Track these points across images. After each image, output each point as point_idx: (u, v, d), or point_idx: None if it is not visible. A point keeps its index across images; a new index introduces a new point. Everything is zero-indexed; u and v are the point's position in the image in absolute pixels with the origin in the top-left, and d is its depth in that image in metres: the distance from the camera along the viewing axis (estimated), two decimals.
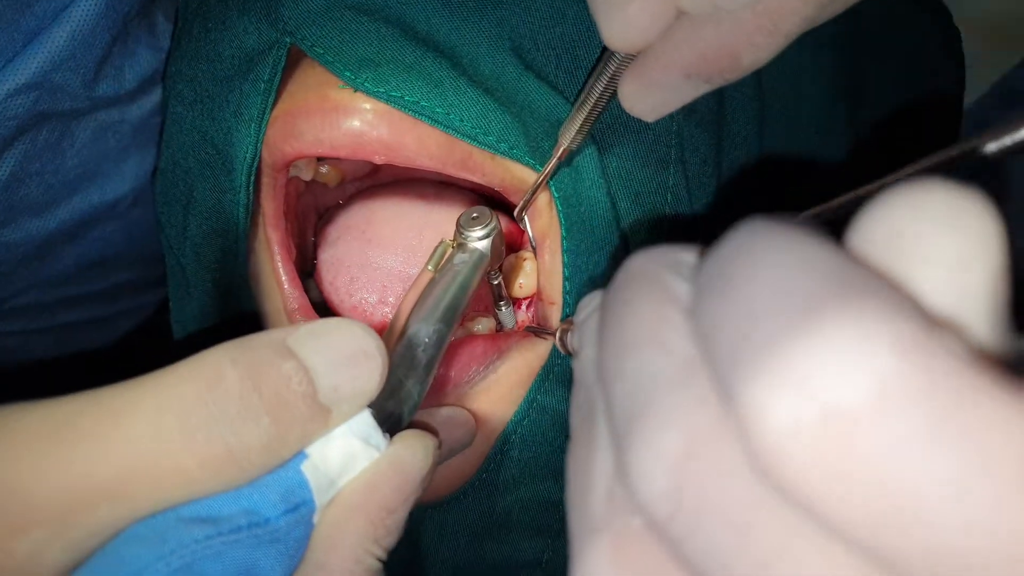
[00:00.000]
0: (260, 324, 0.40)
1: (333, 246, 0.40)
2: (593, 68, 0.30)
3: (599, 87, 0.30)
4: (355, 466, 0.24)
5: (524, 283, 0.37)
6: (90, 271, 0.43)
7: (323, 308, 0.39)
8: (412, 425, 0.27)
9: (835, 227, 0.19)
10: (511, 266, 0.38)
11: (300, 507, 0.23)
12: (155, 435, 0.20)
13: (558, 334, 0.31)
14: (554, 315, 0.36)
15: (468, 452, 0.34)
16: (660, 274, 0.20)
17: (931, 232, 0.14)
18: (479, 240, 0.32)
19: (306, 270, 0.41)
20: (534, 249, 0.37)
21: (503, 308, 0.38)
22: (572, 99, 0.34)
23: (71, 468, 0.20)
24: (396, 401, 0.26)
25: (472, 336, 0.35)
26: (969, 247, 0.14)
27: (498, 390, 0.35)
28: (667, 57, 0.27)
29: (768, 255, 0.15)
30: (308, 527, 0.23)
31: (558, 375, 0.35)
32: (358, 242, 0.40)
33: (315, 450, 0.23)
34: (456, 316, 0.29)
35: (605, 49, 0.29)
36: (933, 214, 0.14)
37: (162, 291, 0.50)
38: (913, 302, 0.14)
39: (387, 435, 0.25)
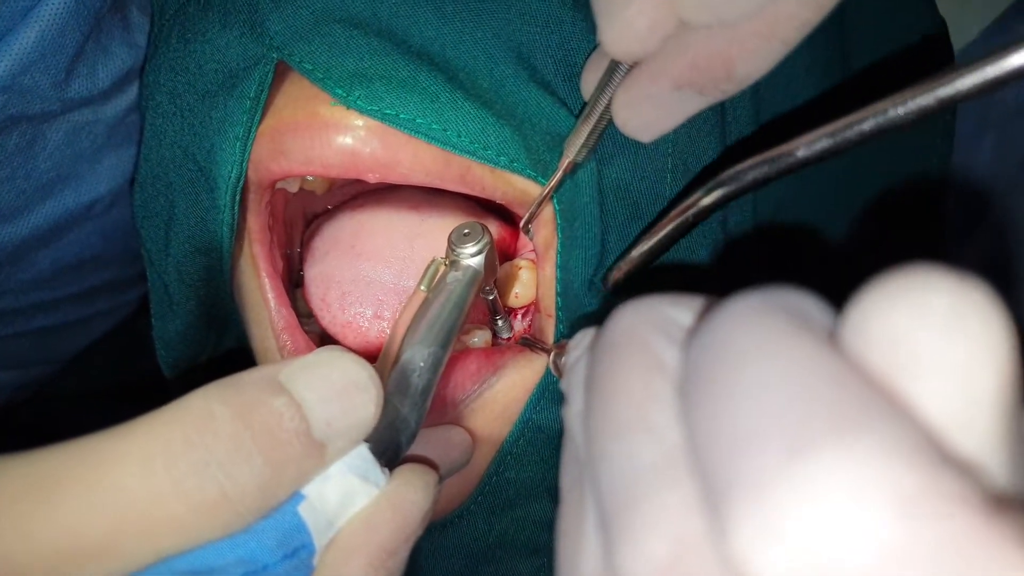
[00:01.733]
0: (245, 341, 0.40)
1: (322, 261, 0.39)
2: (599, 81, 0.30)
3: (604, 100, 0.29)
4: (354, 505, 0.23)
5: (520, 292, 0.37)
6: (67, 274, 0.42)
7: (312, 324, 0.39)
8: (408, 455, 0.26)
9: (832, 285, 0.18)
10: (506, 275, 0.37)
11: (299, 551, 0.22)
12: (143, 483, 0.19)
13: (551, 356, 0.30)
14: (551, 328, 0.35)
15: (464, 472, 0.33)
16: (649, 339, 0.19)
17: (933, 340, 0.13)
18: (472, 257, 0.31)
19: (293, 280, 0.40)
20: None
21: (499, 323, 0.37)
22: (573, 108, 0.33)
23: (56, 526, 0.19)
24: (393, 431, 0.25)
25: (466, 351, 0.34)
26: (974, 355, 0.13)
27: (494, 408, 0.34)
28: (657, 67, 0.26)
29: (763, 361, 0.15)
30: (307, 571, 0.22)
31: (553, 393, 0.35)
32: (348, 256, 0.39)
33: (312, 490, 0.22)
34: (451, 338, 0.28)
35: (610, 63, 0.28)
36: (934, 319, 0.13)
37: (140, 288, 0.49)
38: (916, 431, 0.13)
39: (385, 469, 0.24)
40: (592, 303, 0.34)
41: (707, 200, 0.28)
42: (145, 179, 0.38)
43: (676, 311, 0.20)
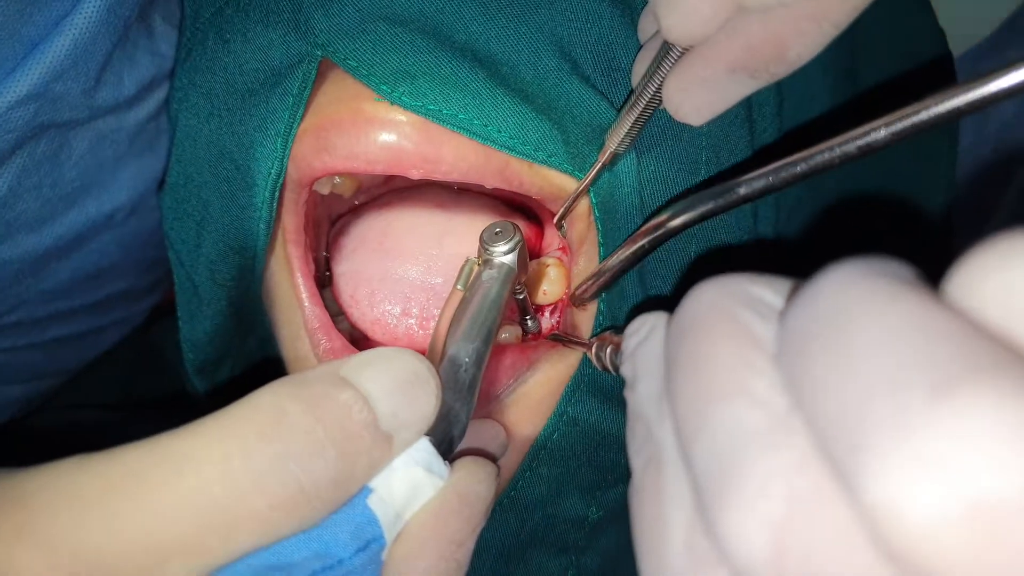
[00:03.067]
0: (272, 344, 0.40)
1: (349, 259, 0.40)
2: (646, 70, 0.30)
3: (652, 87, 0.29)
4: (420, 497, 0.23)
5: (548, 290, 0.37)
6: (84, 284, 0.42)
7: (341, 322, 0.39)
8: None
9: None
10: (534, 273, 0.38)
11: (370, 544, 0.22)
12: (223, 480, 0.19)
13: (594, 349, 0.31)
14: (585, 322, 0.36)
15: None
16: (738, 312, 0.19)
17: None
18: (505, 255, 0.32)
19: (320, 281, 0.40)
20: (566, 254, 0.36)
21: (529, 323, 0.37)
22: (613, 102, 0.33)
23: (143, 524, 0.19)
24: (446, 426, 0.25)
25: (500, 347, 0.35)
26: None
27: (527, 402, 0.35)
28: (711, 52, 0.27)
29: (879, 317, 0.15)
30: (378, 565, 0.23)
31: (588, 386, 0.35)
32: (376, 254, 0.39)
33: (379, 483, 0.22)
34: (492, 333, 0.28)
35: (661, 47, 0.29)
36: None
37: (153, 298, 0.49)
38: None
39: (447, 462, 0.24)
40: (637, 294, 0.34)
41: (675, 223, 0.29)
42: (177, 180, 0.38)
43: (759, 289, 0.20)
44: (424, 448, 0.24)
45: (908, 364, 0.14)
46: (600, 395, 0.36)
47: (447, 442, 0.25)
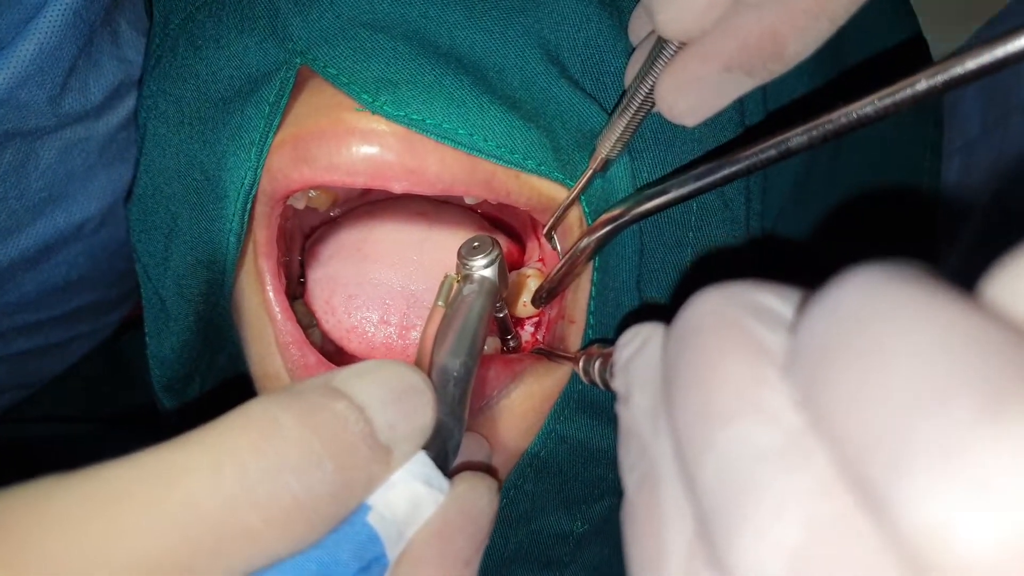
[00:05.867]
0: (239, 360, 0.39)
1: (326, 264, 0.39)
2: (638, 71, 0.30)
3: (645, 87, 0.29)
4: (421, 513, 0.22)
5: (529, 302, 0.37)
6: (52, 296, 0.41)
7: (312, 334, 0.38)
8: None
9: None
10: (513, 285, 0.37)
11: (373, 564, 0.21)
12: (214, 494, 0.18)
13: (580, 363, 0.30)
14: (573, 335, 0.35)
15: None
16: (745, 321, 0.18)
17: None
18: (484, 269, 0.31)
19: (292, 294, 0.39)
20: (546, 266, 0.36)
21: (511, 342, 0.37)
22: (604, 106, 0.33)
23: (128, 543, 0.18)
24: (440, 440, 0.24)
25: (483, 358, 0.34)
26: None
27: (510, 417, 0.34)
28: (706, 49, 0.26)
29: (916, 325, 0.13)
30: None
31: (578, 402, 0.35)
32: (354, 259, 0.38)
33: (377, 499, 0.21)
34: (479, 347, 0.28)
35: (654, 46, 0.28)
36: None
37: (121, 310, 0.48)
38: None
39: (446, 477, 0.24)
40: (632, 303, 0.34)
41: (643, 208, 0.30)
42: (145, 191, 0.37)
43: (766, 297, 0.18)
44: (423, 462, 0.23)
45: (952, 376, 0.12)
46: (590, 411, 0.35)
47: (442, 457, 0.24)
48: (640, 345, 0.23)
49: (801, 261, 0.39)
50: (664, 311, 0.29)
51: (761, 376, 0.17)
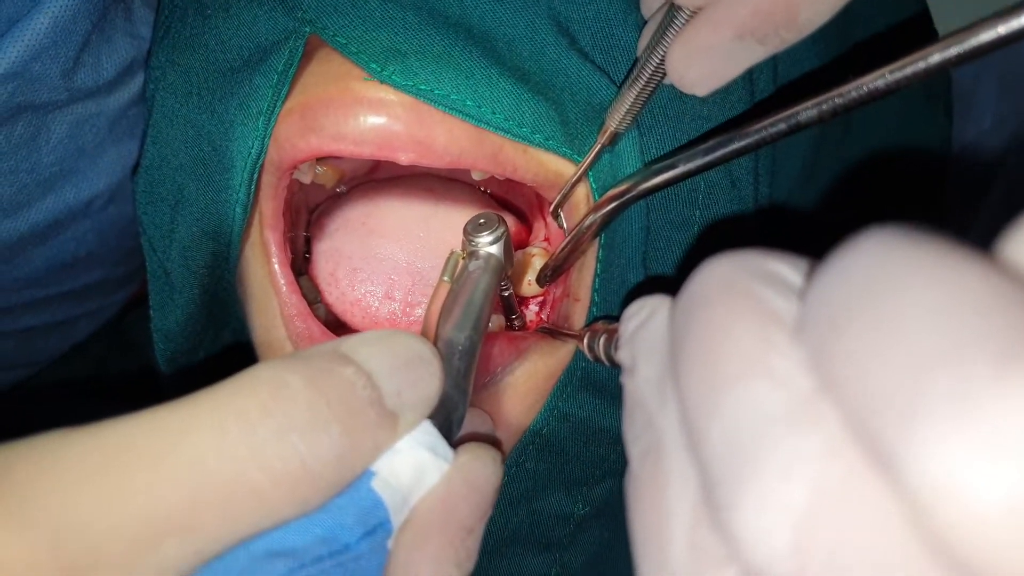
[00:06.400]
0: (243, 335, 0.39)
1: (331, 237, 0.39)
2: (649, 41, 0.30)
3: (656, 57, 0.29)
4: (426, 481, 0.22)
5: (534, 280, 0.37)
6: (60, 272, 0.41)
7: (318, 309, 0.38)
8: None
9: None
10: (519, 264, 0.37)
11: (377, 529, 0.21)
12: (221, 453, 0.18)
13: (585, 340, 0.30)
14: (578, 313, 0.35)
15: None
16: (754, 287, 0.18)
17: None
18: (490, 246, 0.31)
19: (297, 269, 0.39)
20: (552, 245, 0.36)
21: (516, 322, 0.37)
22: (614, 79, 0.33)
23: (130, 500, 0.17)
24: (445, 411, 0.24)
25: (488, 335, 0.34)
26: None
27: (514, 394, 0.34)
28: (718, 16, 0.26)
29: (929, 283, 0.13)
30: (384, 552, 0.21)
31: (581, 380, 0.35)
32: (359, 232, 0.38)
33: (382, 466, 0.21)
34: (484, 322, 0.28)
35: (666, 14, 0.28)
36: None
37: (128, 289, 0.48)
38: None
39: (451, 447, 0.24)
40: (638, 281, 0.34)
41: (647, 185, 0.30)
42: (152, 162, 0.37)
43: (775, 264, 0.18)
44: (428, 431, 0.23)
45: (965, 332, 0.12)
46: (592, 389, 0.35)
47: (447, 428, 0.24)
48: (646, 316, 0.23)
49: (810, 236, 0.38)
50: (670, 284, 0.29)
51: (770, 340, 0.16)
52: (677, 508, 0.18)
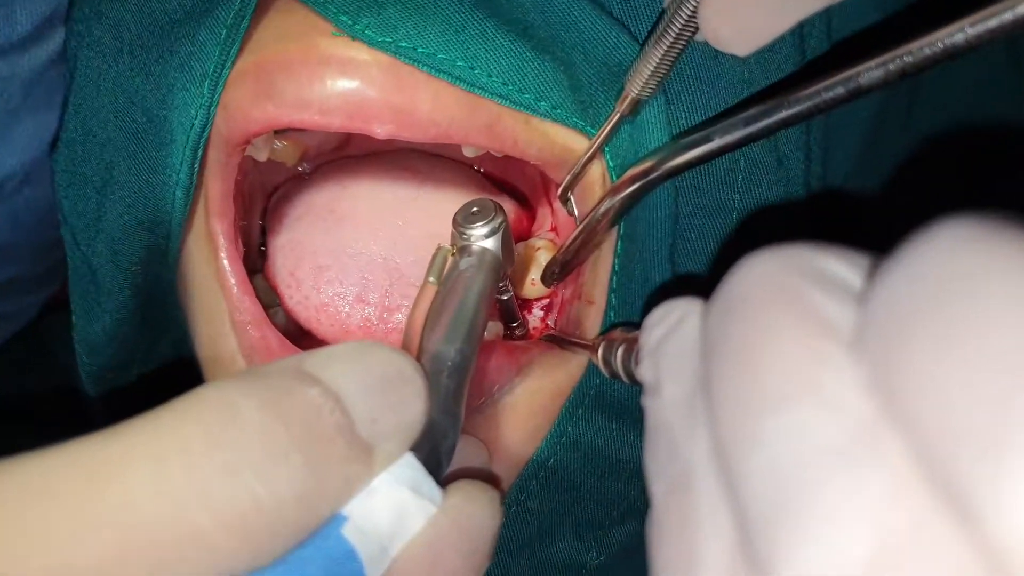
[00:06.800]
0: (184, 347, 0.38)
1: (291, 229, 0.38)
2: None
3: (686, 9, 0.28)
4: (409, 527, 0.22)
5: (539, 279, 0.36)
6: None
7: (275, 314, 0.38)
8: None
9: None
10: (520, 259, 0.37)
11: None
12: (158, 491, 0.18)
13: (600, 351, 0.30)
14: (591, 318, 0.35)
15: None
16: (804, 290, 0.18)
17: None
18: (485, 239, 0.31)
19: (250, 266, 0.39)
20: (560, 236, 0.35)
21: (517, 331, 0.36)
22: (636, 35, 0.32)
23: (51, 550, 0.17)
24: (432, 441, 0.24)
25: (483, 346, 0.33)
26: None
27: (514, 417, 0.34)
28: None
29: (1012, 288, 0.13)
30: None
31: (594, 400, 0.34)
32: (325, 223, 0.38)
33: (355, 509, 0.21)
34: (478, 333, 0.28)
35: None
36: None
37: (48, 289, 0.48)
38: None
39: (439, 485, 0.23)
40: (664, 279, 0.33)
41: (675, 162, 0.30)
42: (74, 136, 0.36)
43: (829, 262, 0.18)
44: (411, 465, 0.22)
45: None
46: (608, 411, 0.34)
47: (434, 461, 0.24)
48: (674, 324, 0.23)
49: (871, 226, 0.38)
50: (702, 284, 0.29)
51: (822, 354, 0.16)
52: (709, 558, 0.18)
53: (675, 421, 0.21)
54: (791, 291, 0.18)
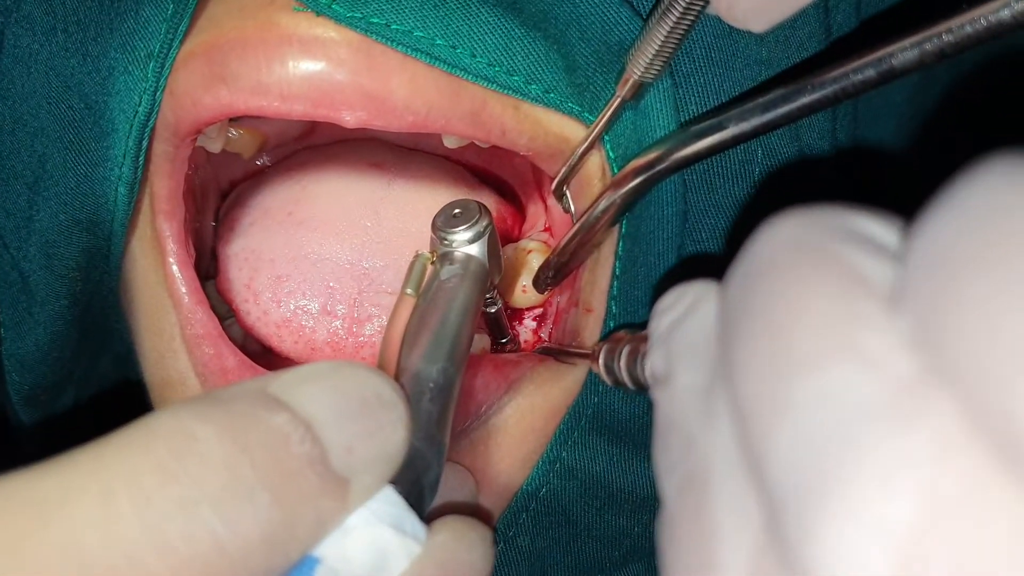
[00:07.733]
0: (132, 364, 0.38)
1: (245, 234, 0.38)
2: None
3: None
4: (390, 568, 0.22)
5: (529, 286, 0.36)
6: None
7: (230, 326, 0.37)
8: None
9: None
10: (510, 264, 0.36)
11: None
12: (106, 533, 0.17)
13: (601, 357, 0.29)
14: (590, 328, 0.34)
15: None
16: (835, 248, 0.17)
17: None
18: (468, 244, 0.31)
19: (203, 272, 0.38)
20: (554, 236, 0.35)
21: (508, 346, 0.36)
22: (638, 9, 0.31)
23: None
24: (413, 472, 0.24)
25: (470, 362, 0.33)
26: None
27: (503, 441, 0.33)
28: None
29: None
30: None
31: (593, 419, 0.34)
32: (284, 226, 0.37)
33: (329, 550, 0.21)
34: (463, 351, 0.28)
35: None
36: None
37: None
38: None
39: (422, 522, 0.23)
40: (662, 264, 0.33)
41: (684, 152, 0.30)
42: (1, 124, 0.34)
43: (860, 221, 0.18)
44: (391, 499, 0.22)
45: None
46: (608, 433, 0.34)
47: (416, 494, 0.24)
48: (687, 309, 0.23)
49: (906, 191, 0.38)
50: (716, 266, 0.28)
51: (859, 310, 0.16)
52: (730, 557, 0.18)
53: (690, 412, 0.21)
54: (821, 249, 0.18)
